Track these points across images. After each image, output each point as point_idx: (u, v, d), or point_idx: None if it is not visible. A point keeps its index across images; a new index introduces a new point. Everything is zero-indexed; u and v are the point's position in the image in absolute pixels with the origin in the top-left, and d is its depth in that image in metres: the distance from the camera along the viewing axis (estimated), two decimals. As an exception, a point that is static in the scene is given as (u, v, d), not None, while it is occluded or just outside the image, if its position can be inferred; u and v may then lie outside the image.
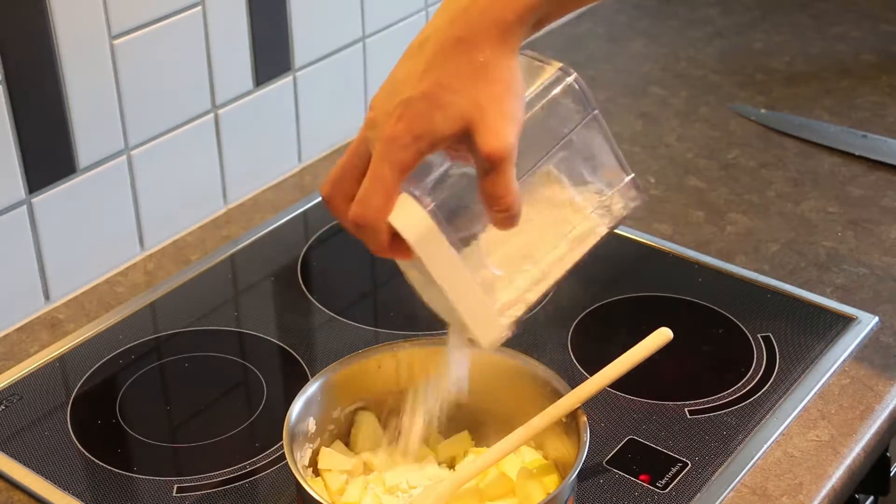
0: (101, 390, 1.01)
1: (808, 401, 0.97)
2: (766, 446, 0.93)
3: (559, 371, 0.87)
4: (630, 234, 1.18)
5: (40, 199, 1.07)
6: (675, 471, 0.90)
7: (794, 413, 0.96)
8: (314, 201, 1.26)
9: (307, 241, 1.21)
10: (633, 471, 0.91)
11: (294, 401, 0.85)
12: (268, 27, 1.22)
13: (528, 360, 0.88)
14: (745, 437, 0.94)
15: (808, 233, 1.19)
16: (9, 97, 1.01)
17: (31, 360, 1.04)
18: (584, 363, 1.01)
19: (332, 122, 1.33)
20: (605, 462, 0.91)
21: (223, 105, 1.20)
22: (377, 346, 0.90)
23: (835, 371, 1.00)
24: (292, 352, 1.05)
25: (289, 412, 0.83)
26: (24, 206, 1.06)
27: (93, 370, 1.03)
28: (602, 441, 0.93)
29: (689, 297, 1.09)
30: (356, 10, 1.31)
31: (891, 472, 1.04)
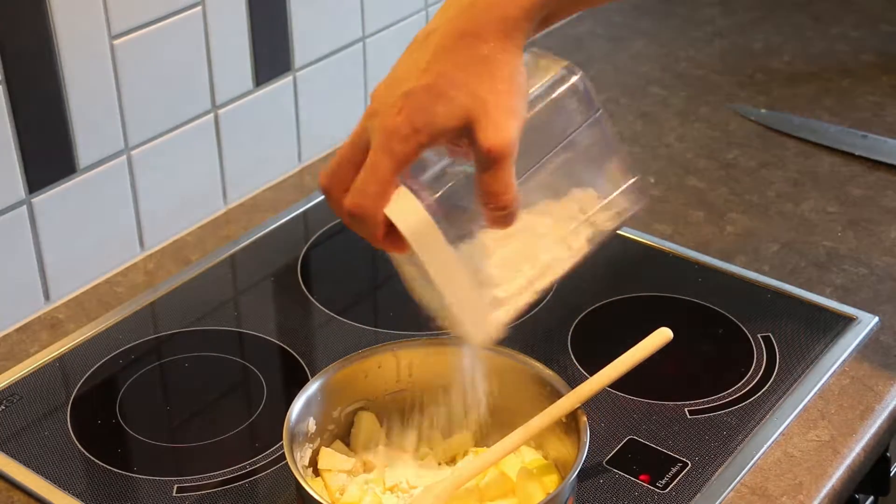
0: (101, 390, 1.01)
1: (808, 401, 0.97)
2: (766, 446, 0.93)
3: (559, 371, 0.87)
4: (630, 234, 1.18)
5: (40, 199, 1.06)
6: (675, 471, 0.90)
7: (794, 413, 0.96)
8: (314, 201, 1.25)
9: (307, 241, 1.20)
10: (633, 471, 0.90)
11: (294, 401, 0.85)
12: (268, 27, 1.22)
13: (527, 360, 0.88)
14: (745, 437, 0.94)
15: (808, 233, 1.19)
16: (9, 97, 1.01)
17: (30, 360, 1.04)
18: (584, 363, 1.01)
19: (332, 122, 1.33)
20: (605, 462, 0.91)
21: (223, 105, 1.20)
22: (377, 346, 0.90)
23: (835, 371, 1.00)
24: (292, 352, 1.05)
25: (289, 412, 0.83)
26: (24, 206, 1.06)
27: (93, 370, 1.03)
28: (602, 441, 0.93)
29: (689, 297, 1.09)
30: (356, 10, 1.31)
31: (891, 472, 1.04)
